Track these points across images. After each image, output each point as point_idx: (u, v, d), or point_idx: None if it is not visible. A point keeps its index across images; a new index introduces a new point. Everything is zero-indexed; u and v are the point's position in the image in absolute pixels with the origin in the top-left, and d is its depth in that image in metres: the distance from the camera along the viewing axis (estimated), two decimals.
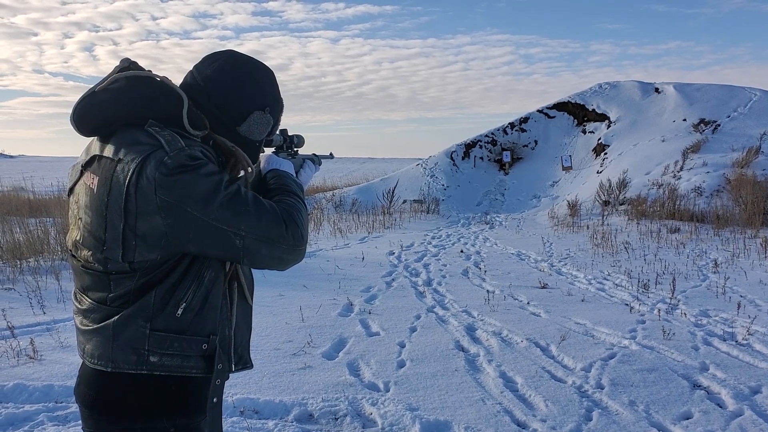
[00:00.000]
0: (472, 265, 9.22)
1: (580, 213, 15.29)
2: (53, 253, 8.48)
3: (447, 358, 4.71)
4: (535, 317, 6.00)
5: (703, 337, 5.22)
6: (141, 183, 1.41)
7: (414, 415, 3.64)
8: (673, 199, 14.11)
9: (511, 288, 7.38)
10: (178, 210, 1.41)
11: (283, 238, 1.49)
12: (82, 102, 1.52)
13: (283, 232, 1.49)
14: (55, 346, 4.87)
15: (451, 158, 22.58)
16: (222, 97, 1.61)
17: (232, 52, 1.67)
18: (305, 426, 3.57)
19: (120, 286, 1.49)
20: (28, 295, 6.27)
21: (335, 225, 13.74)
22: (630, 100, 23.05)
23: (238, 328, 1.67)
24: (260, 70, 1.68)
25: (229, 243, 1.45)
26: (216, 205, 1.42)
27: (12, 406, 3.73)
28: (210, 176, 1.44)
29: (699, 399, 3.94)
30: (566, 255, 10.04)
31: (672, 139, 18.75)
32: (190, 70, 1.66)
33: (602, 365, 4.55)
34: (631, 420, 3.63)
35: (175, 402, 1.53)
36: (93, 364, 1.53)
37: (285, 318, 5.81)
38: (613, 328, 5.51)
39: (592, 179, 18.51)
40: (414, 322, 5.74)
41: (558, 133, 23.44)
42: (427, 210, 18.20)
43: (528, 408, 3.82)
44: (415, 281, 7.86)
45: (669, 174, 16.24)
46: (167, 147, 1.43)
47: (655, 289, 7.15)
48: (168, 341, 1.49)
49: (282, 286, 7.20)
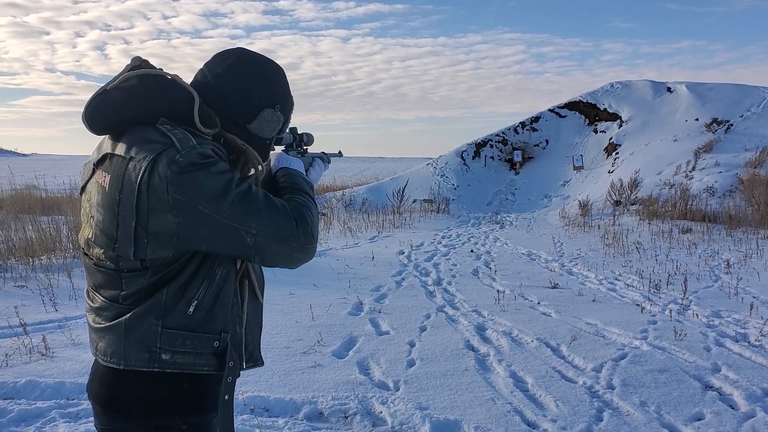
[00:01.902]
0: (482, 264, 9.21)
1: (591, 213, 15.22)
2: (65, 251, 8.53)
3: (457, 358, 4.70)
4: (546, 317, 5.98)
5: (715, 338, 5.19)
6: (153, 181, 1.41)
7: (424, 414, 3.64)
8: (685, 199, 14.03)
9: (522, 288, 7.36)
10: (190, 208, 1.41)
11: (293, 236, 1.48)
12: (94, 100, 1.52)
13: (293, 230, 1.48)
14: (67, 343, 4.90)
15: (461, 158, 22.55)
16: (232, 95, 1.61)
17: (243, 50, 1.67)
18: (315, 424, 3.57)
19: (132, 283, 1.49)
20: (40, 293, 6.31)
21: (345, 224, 13.75)
22: (642, 99, 22.93)
23: (248, 325, 1.67)
24: (270, 67, 1.68)
25: (240, 241, 1.45)
26: (227, 203, 1.42)
27: (24, 403, 3.75)
28: (221, 174, 1.44)
29: (711, 400, 3.91)
30: (577, 255, 10.00)
31: (684, 139, 18.65)
32: (200, 69, 1.66)
33: (613, 365, 4.53)
34: (643, 421, 3.61)
35: (187, 399, 1.54)
36: (105, 361, 1.53)
37: (295, 316, 5.82)
38: (625, 328, 5.48)
39: (604, 179, 18.43)
40: (424, 322, 5.74)
41: (569, 133, 23.36)
42: (437, 209, 18.19)
43: (538, 408, 3.81)
44: (425, 281, 7.86)
45: (681, 174, 16.15)
46: (179, 145, 1.43)
47: (667, 290, 7.11)
48: (180, 339, 1.50)
49: (292, 284, 7.21)
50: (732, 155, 16.28)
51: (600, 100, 23.71)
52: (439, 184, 20.97)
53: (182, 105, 1.52)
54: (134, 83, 1.52)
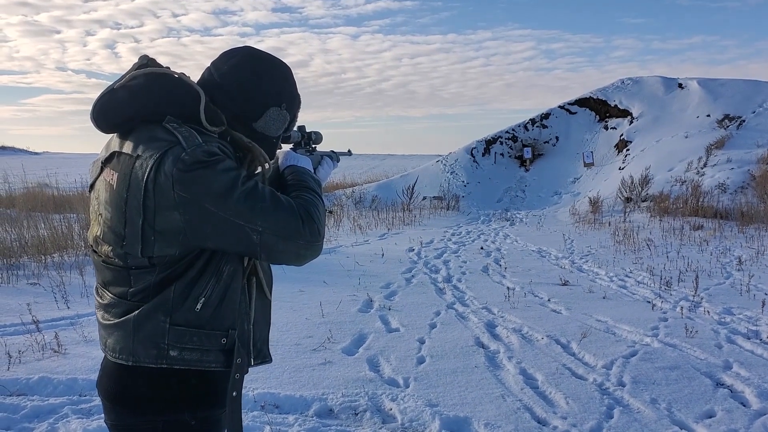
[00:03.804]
0: (492, 261, 9.19)
1: (601, 210, 15.16)
2: (77, 249, 8.59)
3: (467, 355, 4.70)
4: (556, 314, 5.96)
5: (726, 335, 5.16)
6: (159, 179, 1.42)
7: (434, 410, 3.64)
8: (696, 195, 13.95)
9: (532, 285, 7.34)
10: (196, 206, 1.42)
11: (299, 233, 1.48)
12: (102, 99, 1.54)
13: (300, 228, 1.48)
14: (79, 340, 4.94)
15: (471, 154, 22.50)
16: (238, 94, 1.62)
17: (249, 48, 1.68)
18: (325, 421, 3.58)
19: (140, 281, 1.50)
20: (52, 290, 6.35)
21: (355, 221, 13.76)
22: (653, 95, 22.79)
23: (256, 322, 1.68)
24: (277, 66, 1.69)
25: (247, 238, 1.45)
26: (233, 201, 1.43)
27: (37, 399, 3.78)
28: (227, 172, 1.45)
29: (722, 397, 3.89)
30: (587, 252, 9.96)
31: (695, 135, 18.52)
32: (207, 67, 1.67)
33: (624, 363, 4.51)
34: (653, 418, 3.60)
35: (196, 395, 1.55)
36: (114, 358, 1.55)
37: (305, 313, 5.84)
38: (635, 325, 5.46)
39: (614, 176, 18.34)
40: (434, 319, 5.74)
41: (579, 129, 23.25)
42: (446, 207, 18.17)
43: (548, 405, 3.80)
44: (434, 278, 7.86)
45: (692, 170, 16.05)
46: (184, 143, 1.44)
47: (678, 287, 7.07)
48: (187, 336, 1.51)
49: (302, 281, 7.23)
50: (744, 151, 16.16)
51: (611, 96, 23.58)
52: (449, 181, 20.94)
53: (189, 103, 1.52)
54: (141, 82, 1.53)
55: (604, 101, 23.55)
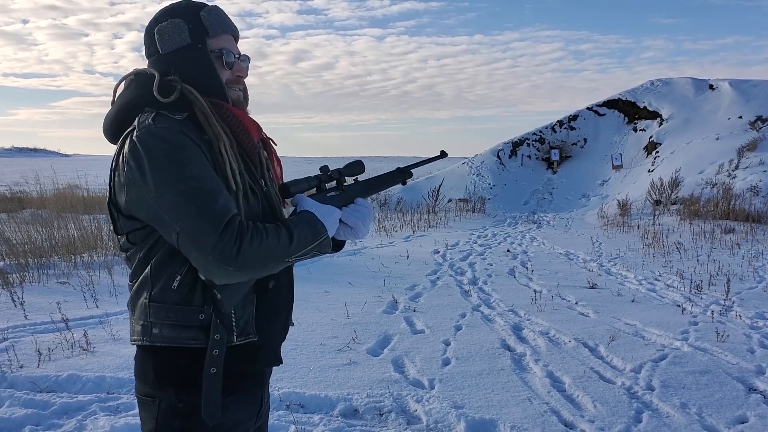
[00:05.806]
0: (518, 264, 9.12)
1: (630, 213, 14.97)
2: (106, 249, 8.70)
3: (493, 357, 4.66)
4: (584, 317, 5.89)
5: (759, 340, 5.05)
6: (119, 161, 1.51)
7: (459, 412, 3.61)
8: (727, 198, 13.71)
9: (559, 288, 7.27)
10: (135, 187, 1.47)
11: (214, 248, 1.41)
12: (105, 116, 1.65)
13: (216, 243, 1.41)
14: (107, 338, 5.00)
15: (497, 157, 22.40)
16: (150, 42, 1.64)
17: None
18: (350, 421, 3.58)
19: (132, 261, 1.59)
20: (81, 289, 6.44)
21: (380, 223, 13.76)
22: (683, 97, 22.48)
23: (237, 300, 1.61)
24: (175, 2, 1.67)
25: (168, 233, 1.47)
26: (165, 191, 1.43)
27: (66, 396, 3.84)
28: (170, 161, 1.45)
29: (755, 403, 3.81)
30: (616, 255, 9.84)
31: (727, 137, 18.22)
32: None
33: (653, 367, 4.44)
34: (683, 423, 3.53)
35: (183, 377, 1.54)
36: (131, 338, 1.63)
37: (330, 314, 5.84)
38: (665, 329, 5.37)
39: (643, 178, 18.11)
40: (459, 321, 5.70)
41: (608, 131, 23.03)
42: (472, 209, 18.09)
43: (576, 408, 3.75)
44: (460, 280, 7.82)
45: (723, 173, 15.78)
46: (137, 125, 1.50)
47: (709, 291, 6.94)
48: (164, 311, 1.53)
49: (327, 282, 7.24)
50: None
51: (640, 98, 23.32)
52: (475, 183, 20.86)
53: (150, 88, 1.56)
54: (123, 92, 1.63)
55: (633, 103, 23.30)
